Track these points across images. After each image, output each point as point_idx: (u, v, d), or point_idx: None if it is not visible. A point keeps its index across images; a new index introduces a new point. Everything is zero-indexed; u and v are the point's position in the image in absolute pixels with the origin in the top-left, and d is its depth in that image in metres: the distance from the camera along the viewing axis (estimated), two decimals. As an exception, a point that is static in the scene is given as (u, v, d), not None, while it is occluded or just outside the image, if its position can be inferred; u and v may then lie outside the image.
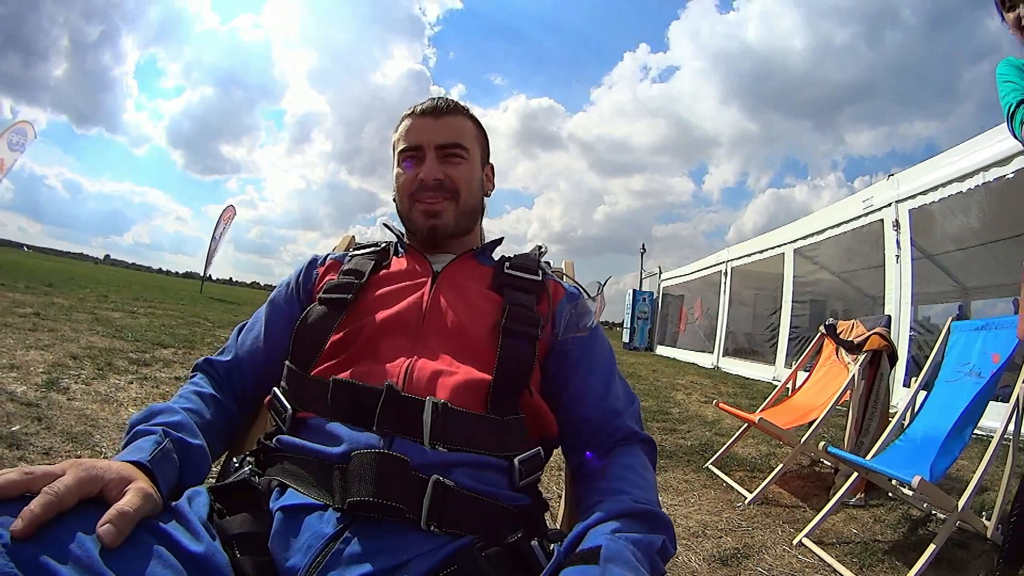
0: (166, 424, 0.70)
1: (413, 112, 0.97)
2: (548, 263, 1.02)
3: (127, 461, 0.60)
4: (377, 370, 0.77)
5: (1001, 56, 1.72)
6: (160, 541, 0.54)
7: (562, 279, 1.01)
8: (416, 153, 0.94)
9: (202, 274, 23.19)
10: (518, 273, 0.94)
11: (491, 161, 1.06)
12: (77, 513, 0.50)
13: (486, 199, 1.06)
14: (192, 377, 0.89)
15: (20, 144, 15.91)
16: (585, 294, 0.95)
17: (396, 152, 0.98)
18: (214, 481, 0.75)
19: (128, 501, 0.53)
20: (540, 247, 1.03)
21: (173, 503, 0.61)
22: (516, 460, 0.75)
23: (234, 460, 0.80)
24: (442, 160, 0.93)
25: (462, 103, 1.00)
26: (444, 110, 0.96)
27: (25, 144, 16.08)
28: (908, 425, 2.46)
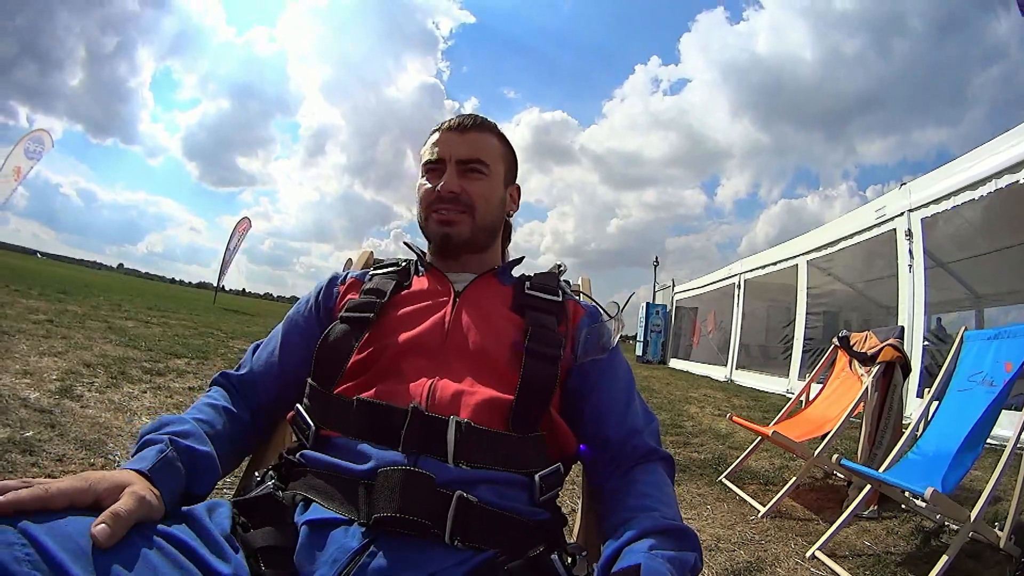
0: (173, 433, 0.71)
1: (440, 127, 0.98)
2: (567, 282, 1.02)
3: (130, 469, 0.63)
4: (400, 390, 0.77)
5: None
6: (179, 550, 0.56)
7: (579, 296, 1.01)
8: (438, 166, 0.96)
9: (215, 285, 23.37)
10: (538, 294, 0.94)
11: (518, 183, 1.06)
12: (69, 521, 0.51)
13: (510, 220, 1.06)
14: (208, 391, 0.90)
15: (37, 152, 16.19)
16: (605, 315, 0.96)
17: (421, 165, 0.99)
18: (233, 494, 0.76)
19: (122, 503, 0.55)
20: (560, 265, 1.03)
21: (187, 510, 0.63)
22: (537, 476, 0.76)
23: (255, 474, 0.81)
24: (461, 174, 0.94)
25: (492, 121, 1.00)
26: (469, 126, 0.97)
27: (41, 152, 16.36)
28: (921, 436, 2.44)
